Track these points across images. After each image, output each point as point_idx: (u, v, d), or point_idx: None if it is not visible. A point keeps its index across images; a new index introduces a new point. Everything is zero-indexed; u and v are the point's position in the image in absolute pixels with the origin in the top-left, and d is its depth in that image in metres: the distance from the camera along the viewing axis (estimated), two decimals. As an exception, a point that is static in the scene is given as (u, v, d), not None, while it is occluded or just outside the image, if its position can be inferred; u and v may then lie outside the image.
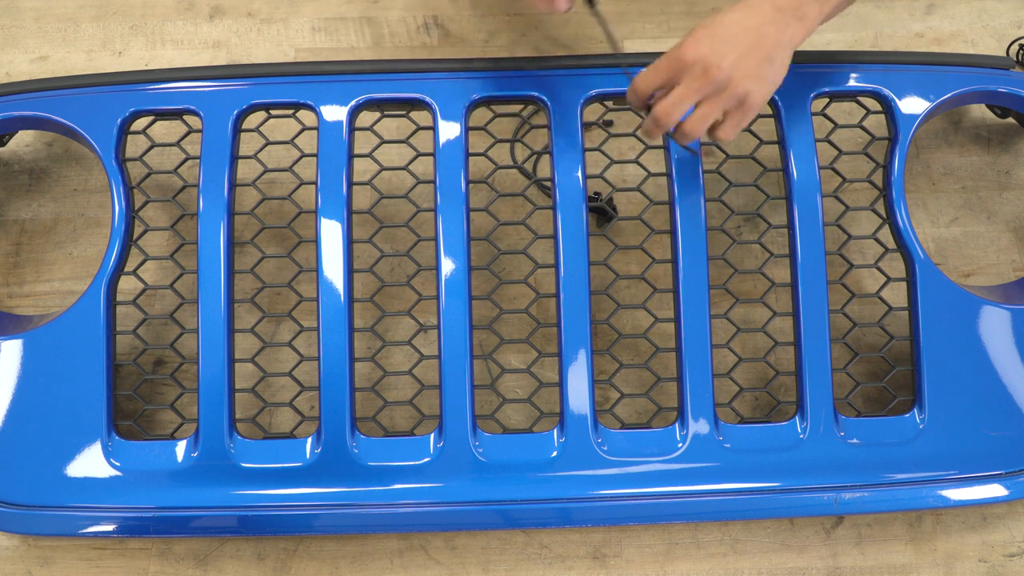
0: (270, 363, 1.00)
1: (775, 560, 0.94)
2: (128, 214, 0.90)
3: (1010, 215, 1.07)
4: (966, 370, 0.89)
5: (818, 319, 0.88)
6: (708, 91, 0.75)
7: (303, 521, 0.86)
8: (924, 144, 1.10)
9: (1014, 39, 1.14)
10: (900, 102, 0.92)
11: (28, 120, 0.93)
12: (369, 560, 0.93)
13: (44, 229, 1.05)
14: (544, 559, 0.94)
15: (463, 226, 0.89)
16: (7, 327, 0.93)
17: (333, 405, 0.87)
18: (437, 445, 0.87)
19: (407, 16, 1.17)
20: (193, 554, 0.93)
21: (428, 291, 0.98)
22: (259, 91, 0.92)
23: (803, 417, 0.88)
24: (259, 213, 0.95)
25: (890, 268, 0.94)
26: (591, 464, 0.86)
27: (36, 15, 1.16)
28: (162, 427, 0.98)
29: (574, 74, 0.92)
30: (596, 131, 1.08)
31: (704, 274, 0.88)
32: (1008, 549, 0.94)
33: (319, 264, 0.88)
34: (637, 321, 1.02)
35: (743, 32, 0.74)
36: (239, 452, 0.87)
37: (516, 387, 1.00)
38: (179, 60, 1.14)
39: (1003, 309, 0.90)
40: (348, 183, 0.89)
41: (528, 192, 1.00)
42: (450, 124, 0.91)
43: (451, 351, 0.87)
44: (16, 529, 0.86)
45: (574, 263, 0.88)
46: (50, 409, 0.87)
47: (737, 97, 0.75)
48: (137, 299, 0.91)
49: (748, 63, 0.74)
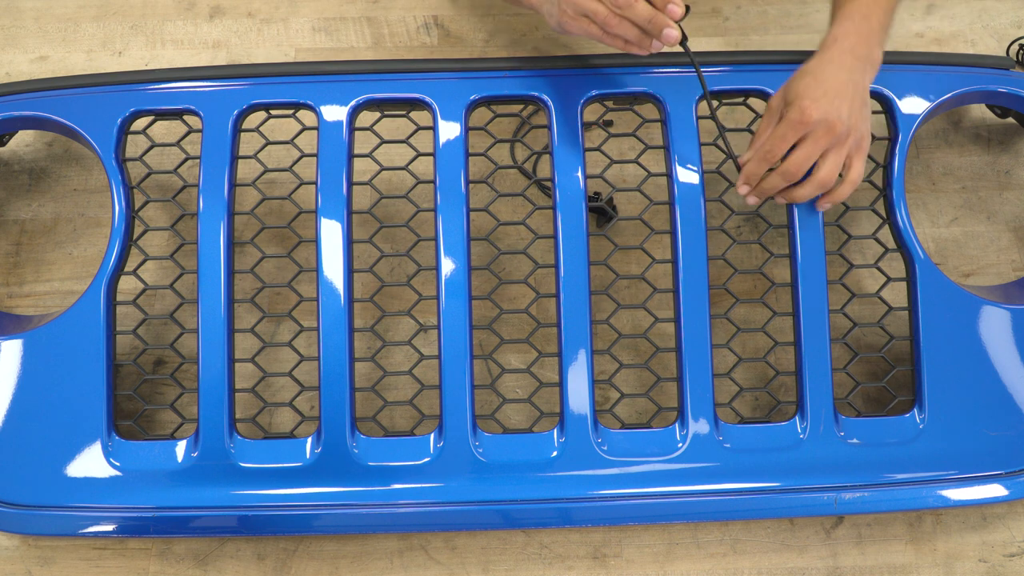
0: (270, 363, 1.00)
1: (775, 560, 0.94)
2: (128, 214, 0.90)
3: (1010, 215, 1.07)
4: (966, 370, 0.89)
5: (818, 319, 0.88)
6: (833, 143, 0.82)
7: (303, 521, 0.86)
8: (924, 144, 1.10)
9: (1014, 39, 1.14)
10: (900, 102, 0.92)
11: (28, 120, 0.93)
12: (369, 560, 0.93)
13: (44, 229, 1.05)
14: (544, 559, 0.94)
15: (463, 226, 0.89)
16: (7, 327, 0.93)
17: (333, 405, 0.87)
18: (437, 445, 0.87)
19: (407, 16, 1.17)
20: (193, 554, 0.93)
21: (428, 291, 0.98)
22: (259, 91, 0.92)
23: (803, 417, 0.88)
24: (259, 213, 0.95)
25: (890, 268, 0.94)
26: (591, 464, 0.86)
27: (36, 15, 1.16)
28: (162, 427, 0.98)
29: (574, 74, 0.92)
30: (596, 131, 1.08)
31: (704, 274, 0.88)
32: (1008, 549, 0.94)
33: (319, 264, 0.88)
34: (637, 321, 1.02)
35: (843, 85, 0.82)
36: (239, 452, 0.87)
37: (516, 387, 1.00)
38: (179, 60, 1.14)
39: (1003, 309, 0.90)
40: (348, 183, 0.89)
41: (528, 192, 1.00)
42: (450, 124, 0.91)
43: (451, 351, 0.87)
44: (16, 529, 0.86)
45: (574, 263, 0.88)
46: (50, 409, 0.87)
47: (856, 141, 0.84)
48: (137, 299, 0.91)
49: (856, 111, 0.83)
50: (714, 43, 1.14)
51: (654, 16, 0.78)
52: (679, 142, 0.90)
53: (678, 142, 0.90)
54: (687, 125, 0.90)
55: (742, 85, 0.92)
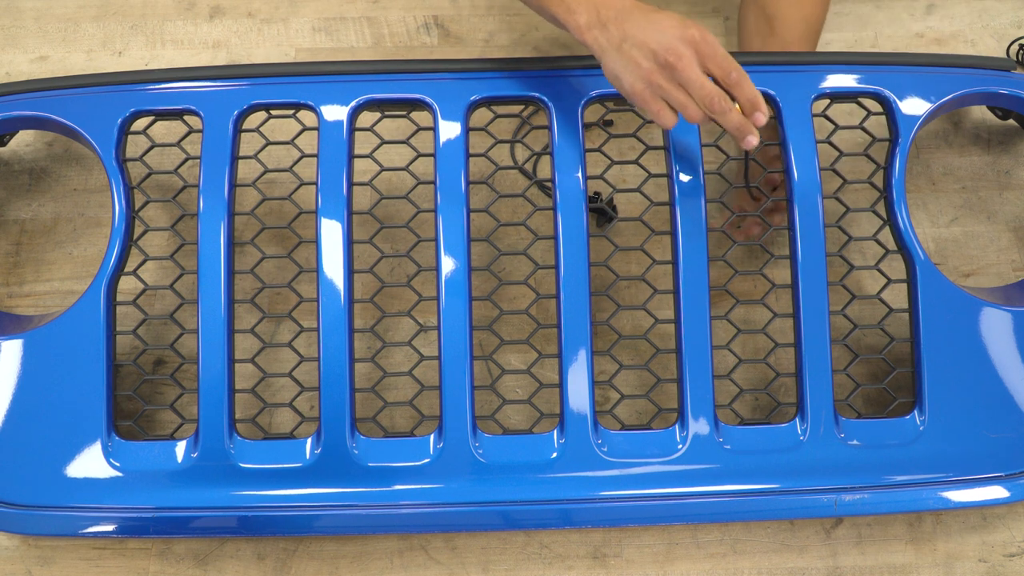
0: (270, 363, 1.00)
1: (775, 560, 0.94)
2: (128, 214, 0.90)
3: (1010, 215, 1.07)
4: (966, 372, 0.88)
5: (818, 320, 0.88)
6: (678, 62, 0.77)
7: (303, 522, 0.86)
8: (924, 144, 1.10)
9: (1014, 39, 1.14)
10: (901, 103, 0.92)
11: (28, 120, 0.93)
12: (369, 560, 0.93)
13: (44, 229, 1.05)
14: (544, 559, 0.94)
15: (463, 227, 0.88)
16: (7, 327, 0.93)
17: (333, 406, 0.87)
18: (437, 446, 0.87)
19: (407, 16, 1.17)
20: (193, 554, 0.93)
21: (428, 292, 0.98)
22: (259, 91, 0.91)
23: (803, 418, 0.88)
24: (259, 213, 0.95)
25: (890, 269, 0.94)
26: (591, 465, 0.86)
27: (36, 15, 1.16)
28: (162, 427, 0.98)
29: (575, 75, 0.91)
30: (596, 132, 1.08)
31: (704, 275, 0.88)
32: (1008, 549, 0.94)
33: (319, 264, 0.88)
34: (637, 322, 1.02)
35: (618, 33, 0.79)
36: (239, 452, 0.87)
37: (516, 388, 1.00)
38: (179, 60, 1.14)
39: (1004, 311, 0.90)
40: (348, 183, 0.89)
41: (528, 193, 1.00)
42: (450, 124, 0.90)
43: (451, 352, 0.87)
44: (16, 529, 0.86)
45: (574, 264, 0.88)
46: (50, 409, 0.87)
47: (686, 42, 0.78)
48: (137, 299, 0.91)
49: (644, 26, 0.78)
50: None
51: (743, 124, 0.77)
52: (679, 143, 0.90)
53: (678, 143, 0.90)
54: (687, 125, 0.90)
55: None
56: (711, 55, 0.77)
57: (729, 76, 0.77)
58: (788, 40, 0.97)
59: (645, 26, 0.77)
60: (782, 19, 0.98)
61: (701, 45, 0.76)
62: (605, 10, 0.80)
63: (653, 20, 0.78)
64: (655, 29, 0.77)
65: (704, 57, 0.77)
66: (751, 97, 0.77)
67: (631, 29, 0.78)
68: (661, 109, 0.78)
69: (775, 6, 1.01)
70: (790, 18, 0.98)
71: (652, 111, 0.79)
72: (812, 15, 1.00)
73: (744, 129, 0.78)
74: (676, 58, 0.76)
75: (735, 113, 0.77)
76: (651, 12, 0.79)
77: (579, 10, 0.80)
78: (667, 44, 0.76)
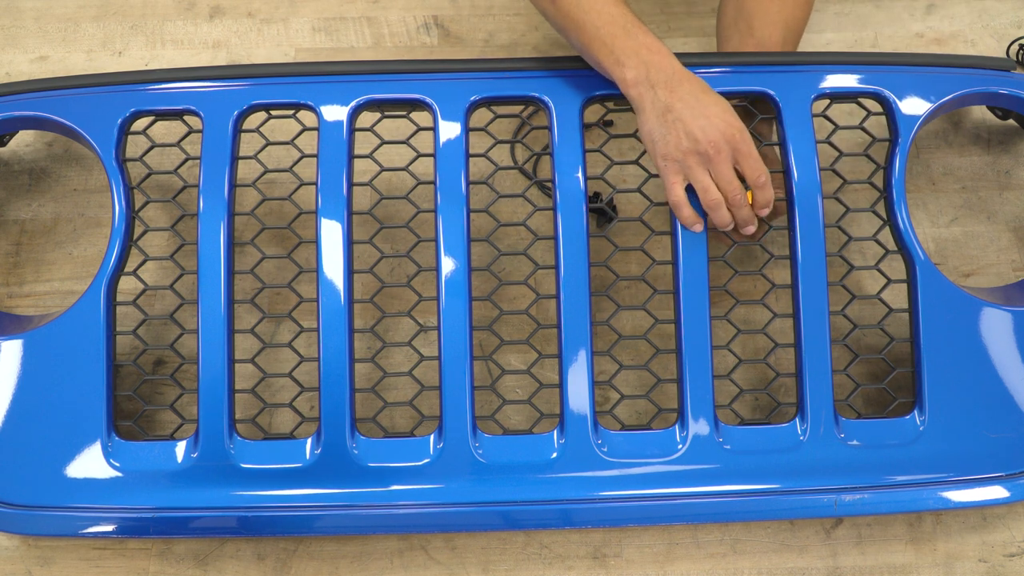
0: (270, 364, 1.00)
1: (775, 560, 0.94)
2: (128, 214, 0.90)
3: (1010, 215, 1.07)
4: (966, 372, 0.88)
5: (818, 320, 0.88)
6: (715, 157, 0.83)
7: (303, 522, 0.86)
8: (924, 144, 1.10)
9: (1014, 39, 1.14)
10: (901, 103, 0.92)
11: (28, 120, 0.93)
12: (369, 560, 0.93)
13: (44, 229, 1.05)
14: (544, 559, 0.94)
15: (463, 227, 0.88)
16: (7, 327, 0.93)
17: (333, 406, 0.87)
18: (437, 446, 0.87)
19: (407, 16, 1.17)
20: (193, 554, 0.93)
21: (428, 292, 0.98)
22: (259, 91, 0.91)
23: (803, 419, 0.88)
24: (259, 213, 0.95)
25: (890, 269, 0.94)
26: (591, 465, 0.86)
27: (36, 15, 1.16)
28: (162, 427, 0.98)
29: (575, 75, 0.91)
30: (596, 132, 1.08)
31: (704, 275, 0.88)
32: (1008, 549, 0.94)
33: (319, 265, 0.88)
34: (637, 322, 1.02)
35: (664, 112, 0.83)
36: (239, 453, 0.87)
37: (516, 388, 1.00)
38: (179, 60, 1.14)
39: (1003, 311, 0.90)
40: (348, 184, 0.89)
41: (528, 193, 1.00)
42: (450, 125, 0.90)
43: (451, 352, 0.87)
44: (16, 529, 0.86)
45: (574, 264, 0.88)
46: (50, 409, 0.87)
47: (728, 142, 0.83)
48: (137, 299, 0.91)
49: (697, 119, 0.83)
50: (714, 43, 1.14)
51: (750, 218, 0.85)
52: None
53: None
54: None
55: (743, 87, 0.92)
56: (746, 155, 0.82)
57: (759, 179, 0.83)
58: (766, 42, 0.96)
59: (694, 106, 0.81)
60: (762, 19, 0.97)
61: (739, 144, 0.82)
62: (656, 72, 0.82)
63: (703, 103, 0.81)
64: (703, 115, 0.81)
65: (739, 155, 0.82)
66: (768, 201, 0.85)
67: (678, 105, 0.81)
68: (677, 184, 0.84)
69: (755, 4, 0.98)
70: (770, 19, 0.97)
71: (670, 182, 0.84)
72: (793, 17, 0.97)
73: (749, 222, 0.86)
74: (715, 152, 0.81)
75: (747, 209, 0.85)
76: (701, 92, 0.82)
77: (628, 64, 0.83)
78: (710, 136, 0.81)
